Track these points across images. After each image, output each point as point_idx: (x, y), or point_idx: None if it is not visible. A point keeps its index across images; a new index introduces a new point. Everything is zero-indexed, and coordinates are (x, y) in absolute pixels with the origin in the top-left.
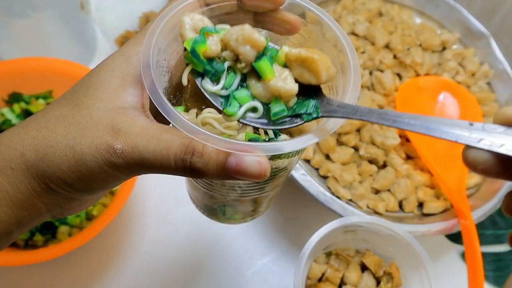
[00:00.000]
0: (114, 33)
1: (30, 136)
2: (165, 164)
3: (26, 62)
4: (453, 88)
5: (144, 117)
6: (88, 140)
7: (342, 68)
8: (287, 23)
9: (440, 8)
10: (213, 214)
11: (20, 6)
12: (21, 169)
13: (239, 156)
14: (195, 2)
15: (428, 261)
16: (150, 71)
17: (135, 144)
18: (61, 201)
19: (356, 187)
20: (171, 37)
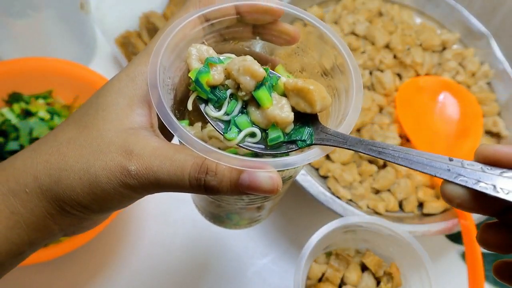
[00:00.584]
0: (114, 33)
1: (43, 160)
2: (180, 184)
3: (26, 62)
4: (453, 88)
5: (155, 137)
6: (101, 162)
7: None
8: (287, 34)
9: (440, 8)
10: (220, 221)
11: (20, 6)
12: (36, 193)
13: (252, 172)
14: (196, 19)
15: (428, 261)
16: (157, 91)
17: (149, 165)
18: (74, 221)
19: (356, 187)
20: (174, 55)
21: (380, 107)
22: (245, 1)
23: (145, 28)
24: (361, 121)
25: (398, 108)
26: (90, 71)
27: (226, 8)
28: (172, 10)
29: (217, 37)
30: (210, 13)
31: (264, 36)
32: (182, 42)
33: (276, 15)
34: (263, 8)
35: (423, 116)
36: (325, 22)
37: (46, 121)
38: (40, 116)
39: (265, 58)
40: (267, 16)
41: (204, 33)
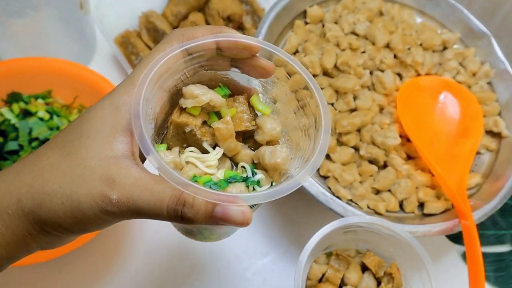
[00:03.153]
0: (113, 32)
1: (26, 184)
2: (158, 213)
3: (25, 61)
4: (454, 88)
5: (136, 167)
6: (84, 190)
7: (315, 117)
8: (262, 69)
9: (441, 7)
10: (191, 234)
11: (19, 5)
12: (18, 214)
13: (225, 206)
14: (179, 53)
15: (428, 261)
16: (140, 122)
17: (130, 194)
18: (53, 239)
19: (357, 187)
20: (157, 86)
21: (380, 107)
22: (225, 37)
23: (144, 27)
24: (361, 121)
25: (399, 108)
26: (90, 70)
27: (207, 43)
28: (172, 10)
29: (197, 68)
30: (192, 48)
31: (241, 69)
32: (165, 74)
33: (253, 51)
34: (242, 44)
35: (423, 116)
36: (325, 21)
37: (46, 121)
38: (39, 116)
39: (241, 87)
40: (245, 52)
41: (185, 65)
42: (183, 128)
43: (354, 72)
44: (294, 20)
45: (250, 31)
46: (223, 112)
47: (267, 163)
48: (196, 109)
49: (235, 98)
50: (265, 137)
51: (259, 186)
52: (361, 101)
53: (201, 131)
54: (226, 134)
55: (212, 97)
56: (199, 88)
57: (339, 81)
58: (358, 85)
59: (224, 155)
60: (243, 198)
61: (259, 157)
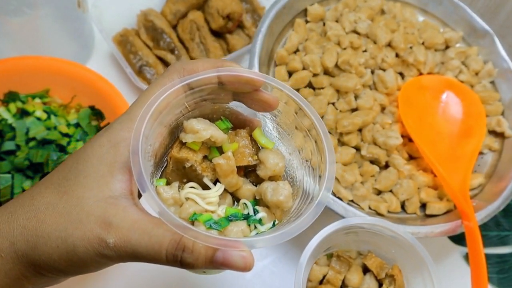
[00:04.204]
0: (111, 31)
1: (19, 226)
2: (157, 258)
3: (22, 60)
4: (457, 87)
5: (134, 208)
6: (80, 232)
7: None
8: (265, 103)
9: (443, 6)
10: None
11: (16, 3)
12: (11, 257)
13: (226, 251)
14: (180, 88)
15: (431, 263)
16: (138, 159)
17: (127, 238)
18: (48, 281)
19: (358, 187)
20: (157, 122)
21: (382, 107)
22: (227, 72)
23: (143, 26)
24: (362, 121)
25: (401, 108)
26: (88, 69)
27: (209, 78)
28: (171, 8)
29: (198, 101)
30: (193, 82)
31: (244, 103)
32: (165, 109)
33: (256, 85)
34: (245, 78)
35: (425, 116)
36: (326, 20)
37: (43, 120)
38: (36, 115)
39: (243, 119)
40: (248, 86)
41: (186, 99)
42: (183, 164)
43: (355, 71)
44: (295, 19)
45: (250, 29)
46: (225, 147)
47: (269, 200)
48: (196, 144)
49: (237, 132)
50: (268, 172)
51: (261, 225)
52: (363, 101)
53: (201, 166)
54: (227, 170)
55: (213, 133)
56: (200, 123)
57: (340, 80)
58: (359, 84)
59: (225, 190)
60: (245, 242)
61: (261, 193)
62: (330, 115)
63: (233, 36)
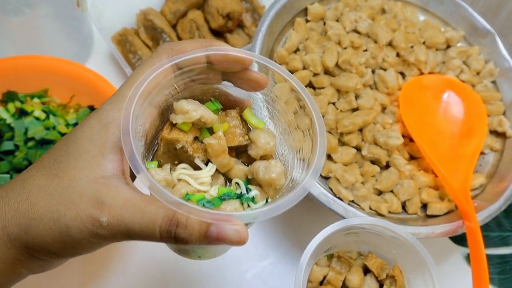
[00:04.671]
0: (111, 30)
1: (11, 209)
2: (150, 235)
3: (21, 60)
4: (458, 87)
5: (126, 187)
6: (72, 213)
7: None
8: (254, 82)
9: (444, 5)
10: (185, 253)
11: (15, 3)
12: (4, 241)
13: (220, 225)
14: (169, 68)
15: (432, 263)
16: (130, 140)
17: (120, 216)
18: (43, 264)
19: (359, 188)
20: (146, 102)
21: (382, 106)
22: (216, 51)
23: (142, 25)
24: (363, 121)
25: (401, 107)
26: (87, 69)
27: (197, 57)
28: (170, 7)
29: (187, 82)
30: (182, 62)
31: (233, 83)
32: (154, 89)
33: (245, 64)
34: (233, 57)
35: (426, 116)
36: (327, 19)
37: (42, 120)
38: (35, 115)
39: (233, 100)
40: (237, 65)
41: (175, 80)
42: (174, 145)
43: (356, 71)
44: (295, 18)
45: (250, 29)
46: (215, 127)
47: (262, 178)
48: (186, 125)
49: (227, 113)
50: (259, 151)
51: (254, 203)
52: (363, 100)
53: (192, 147)
54: (218, 150)
55: (203, 113)
56: (190, 104)
57: (341, 80)
58: (360, 84)
59: (217, 171)
60: (239, 216)
61: (253, 173)
62: (330, 115)
63: (233, 36)
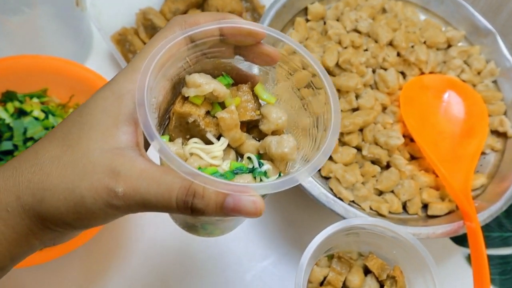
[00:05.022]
0: (110, 30)
1: (25, 180)
2: (166, 205)
3: (20, 59)
4: (459, 87)
5: (141, 158)
6: (87, 183)
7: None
8: (267, 55)
9: (445, 4)
10: (194, 230)
11: (14, 2)
12: (18, 212)
13: (236, 196)
14: (182, 40)
15: (432, 264)
16: (145, 110)
17: (136, 187)
18: (56, 236)
19: (359, 188)
20: (160, 75)
21: (383, 106)
22: (229, 24)
23: (142, 24)
24: (363, 121)
25: (402, 107)
26: (86, 69)
27: (211, 30)
28: (170, 6)
29: (199, 56)
30: (195, 34)
31: (245, 57)
32: (168, 61)
33: (258, 37)
34: (247, 30)
35: (427, 115)
36: (327, 19)
37: (41, 120)
38: (34, 115)
39: (245, 75)
40: (250, 38)
41: (188, 53)
42: (186, 119)
43: (356, 71)
44: (295, 17)
45: None
46: (227, 101)
47: (274, 153)
48: (199, 98)
49: (239, 87)
50: (271, 126)
51: (266, 177)
52: (364, 100)
53: (204, 121)
54: (231, 124)
55: (216, 87)
56: (203, 77)
57: (341, 80)
58: (360, 83)
59: (229, 146)
60: (255, 187)
61: (265, 147)
62: None
63: None
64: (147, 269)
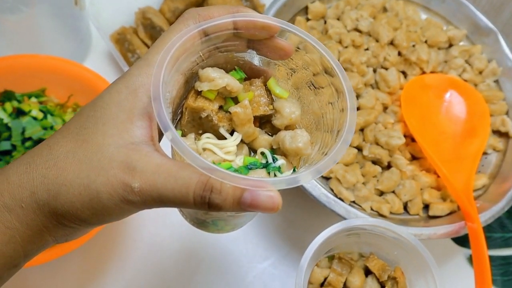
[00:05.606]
0: (109, 29)
1: (39, 175)
2: (184, 201)
3: (18, 59)
4: (460, 86)
5: (157, 153)
6: (103, 178)
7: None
8: (281, 49)
9: (446, 3)
10: (204, 226)
11: (12, 1)
12: (32, 208)
13: (254, 191)
14: (196, 34)
15: (434, 265)
16: (160, 104)
17: (153, 182)
18: (70, 232)
19: (360, 188)
20: (174, 69)
21: (384, 106)
22: (243, 17)
23: (141, 24)
24: (364, 121)
25: (403, 107)
26: (85, 68)
27: (224, 23)
28: (169, 6)
29: (212, 50)
30: (209, 28)
31: (258, 51)
32: (182, 56)
33: (272, 31)
34: (261, 24)
35: (428, 115)
36: (328, 18)
37: (39, 120)
38: (32, 115)
39: (257, 69)
40: (264, 32)
41: (201, 47)
42: (199, 113)
43: (357, 70)
44: (295, 17)
45: None
46: (240, 96)
47: (288, 148)
48: (212, 93)
49: (252, 82)
50: (284, 121)
51: (280, 172)
52: (364, 100)
53: (217, 116)
54: (244, 118)
55: (229, 81)
56: (216, 72)
57: None
58: (361, 83)
59: (242, 141)
60: (272, 182)
61: (279, 142)
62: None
63: None
64: (146, 269)
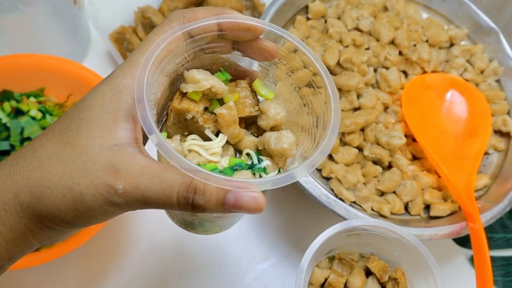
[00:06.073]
0: (108, 28)
1: (23, 177)
2: (167, 202)
3: (17, 58)
4: (461, 86)
5: (140, 155)
6: (87, 180)
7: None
8: (266, 51)
9: (448, 2)
10: (191, 227)
11: (11, 0)
12: (16, 210)
13: (237, 192)
14: (181, 35)
15: (435, 265)
16: (144, 106)
17: (137, 184)
18: (54, 234)
19: (360, 188)
20: (158, 71)
21: (385, 106)
22: (228, 19)
23: (140, 23)
24: (365, 120)
25: (404, 107)
26: (84, 68)
27: (209, 25)
28: (169, 5)
29: (197, 52)
30: (193, 30)
31: (243, 52)
32: (166, 57)
33: (257, 33)
34: (245, 26)
35: (429, 115)
36: (328, 17)
37: (38, 120)
38: (31, 115)
39: (243, 71)
40: (248, 33)
41: (186, 49)
42: (184, 115)
43: (357, 70)
44: (296, 16)
45: None
46: (226, 97)
47: (273, 149)
48: (197, 94)
49: (237, 83)
50: (270, 122)
51: (265, 173)
52: (365, 100)
53: (203, 117)
54: (229, 120)
55: (214, 83)
56: (201, 73)
57: (342, 79)
58: (361, 83)
59: (227, 142)
60: (256, 183)
61: (264, 143)
62: None
63: None
64: (146, 269)
